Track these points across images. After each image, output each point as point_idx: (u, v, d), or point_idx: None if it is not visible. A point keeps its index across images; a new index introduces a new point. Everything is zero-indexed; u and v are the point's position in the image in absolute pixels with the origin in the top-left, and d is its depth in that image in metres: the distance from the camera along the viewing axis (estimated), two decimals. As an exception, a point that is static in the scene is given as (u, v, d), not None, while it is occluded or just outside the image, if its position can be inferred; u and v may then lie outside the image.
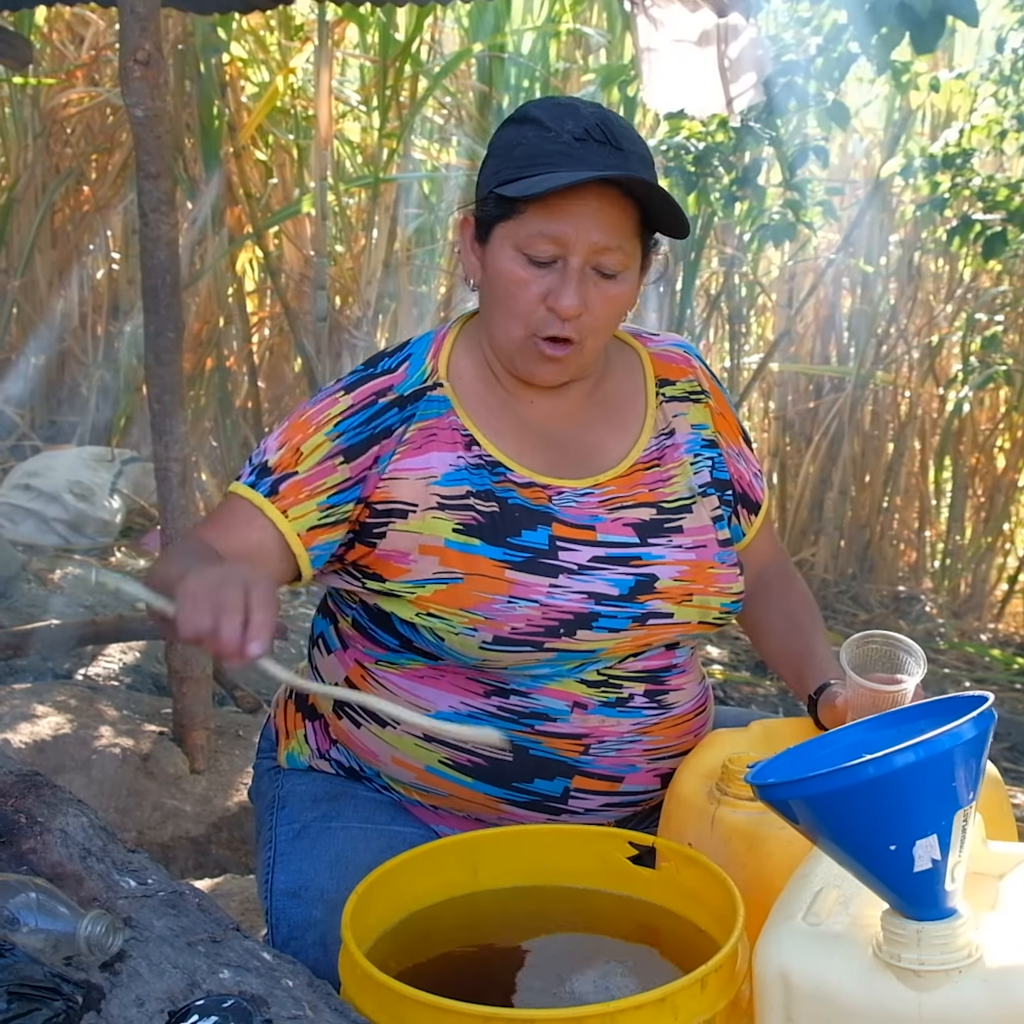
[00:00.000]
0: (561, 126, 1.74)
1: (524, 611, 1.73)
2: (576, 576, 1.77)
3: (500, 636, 1.73)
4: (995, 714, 1.27)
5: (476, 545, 1.75)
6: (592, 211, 1.71)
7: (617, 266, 1.75)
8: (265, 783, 2.00)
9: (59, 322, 6.55)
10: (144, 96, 3.09)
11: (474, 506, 1.77)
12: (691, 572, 1.83)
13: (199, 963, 1.36)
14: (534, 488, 1.80)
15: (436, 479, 1.77)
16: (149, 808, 3.33)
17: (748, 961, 1.39)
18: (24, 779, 1.63)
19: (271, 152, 6.23)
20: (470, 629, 1.73)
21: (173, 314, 3.20)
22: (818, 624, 2.00)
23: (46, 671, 4.22)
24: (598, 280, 1.75)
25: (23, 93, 6.34)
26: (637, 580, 1.80)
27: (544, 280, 1.74)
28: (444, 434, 1.80)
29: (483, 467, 1.79)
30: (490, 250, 1.78)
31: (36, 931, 1.30)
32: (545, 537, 1.77)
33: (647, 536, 1.83)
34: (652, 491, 1.86)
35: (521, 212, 1.73)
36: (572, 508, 1.81)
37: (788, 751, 1.42)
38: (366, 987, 1.38)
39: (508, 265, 1.75)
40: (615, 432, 1.89)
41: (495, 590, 1.74)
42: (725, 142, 4.87)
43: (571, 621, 1.75)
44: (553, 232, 1.72)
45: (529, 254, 1.73)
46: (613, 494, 1.84)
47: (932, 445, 7.05)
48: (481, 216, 1.80)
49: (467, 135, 5.98)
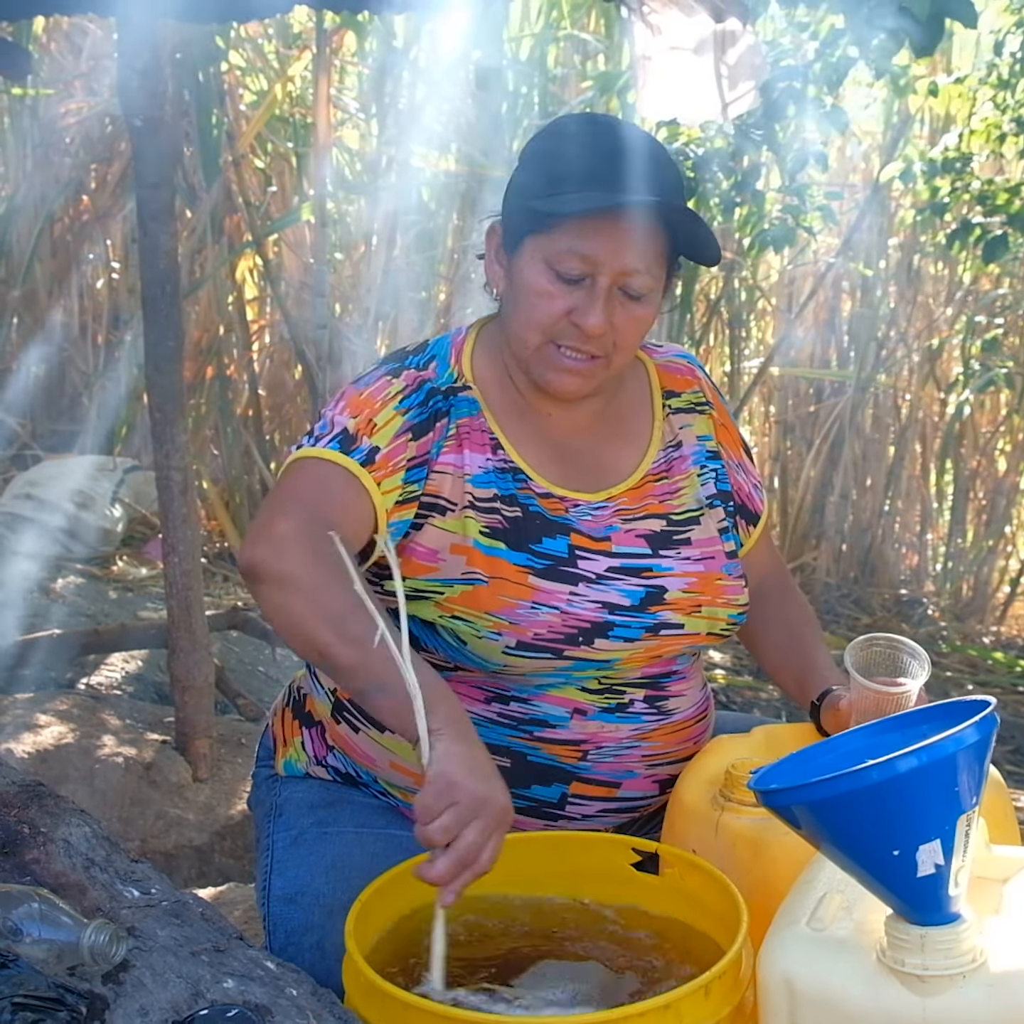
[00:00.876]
0: (597, 145, 1.75)
1: (546, 618, 1.74)
2: (594, 585, 1.78)
3: (523, 642, 1.74)
4: (998, 718, 1.27)
5: (501, 549, 1.76)
6: (624, 233, 1.73)
7: (643, 288, 1.76)
8: (263, 791, 2.00)
9: (59, 332, 6.54)
10: (143, 106, 3.09)
11: (500, 510, 1.78)
12: (699, 584, 1.85)
13: (203, 973, 1.36)
14: (552, 499, 1.82)
15: (470, 478, 1.78)
16: (152, 817, 3.32)
17: (752, 967, 1.39)
18: (27, 789, 1.63)
19: (270, 160, 6.23)
20: (494, 633, 1.74)
21: (173, 323, 3.20)
22: (817, 634, 2.02)
23: (48, 680, 4.21)
24: (624, 301, 1.76)
25: (22, 104, 6.34)
26: (647, 591, 1.81)
27: (571, 296, 1.75)
28: (475, 435, 1.81)
29: (507, 472, 1.81)
30: (517, 261, 1.78)
31: (39, 941, 1.30)
32: (564, 546, 1.79)
33: (658, 548, 1.84)
34: (661, 503, 1.88)
35: (553, 228, 1.73)
36: (588, 521, 1.82)
37: (791, 756, 1.42)
38: (370, 996, 1.38)
39: (536, 278, 1.76)
40: (626, 445, 1.91)
41: (519, 595, 1.74)
42: (724, 148, 4.86)
43: (589, 630, 1.76)
44: (584, 251, 1.72)
45: (558, 270, 1.74)
46: (625, 506, 1.86)
47: (933, 448, 7.04)
48: (510, 226, 1.81)
49: (466, 141, 5.98)
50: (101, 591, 5.22)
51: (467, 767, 1.45)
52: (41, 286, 6.45)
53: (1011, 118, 5.29)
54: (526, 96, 5.97)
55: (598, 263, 1.73)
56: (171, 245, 3.19)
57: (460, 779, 1.43)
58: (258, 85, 6.24)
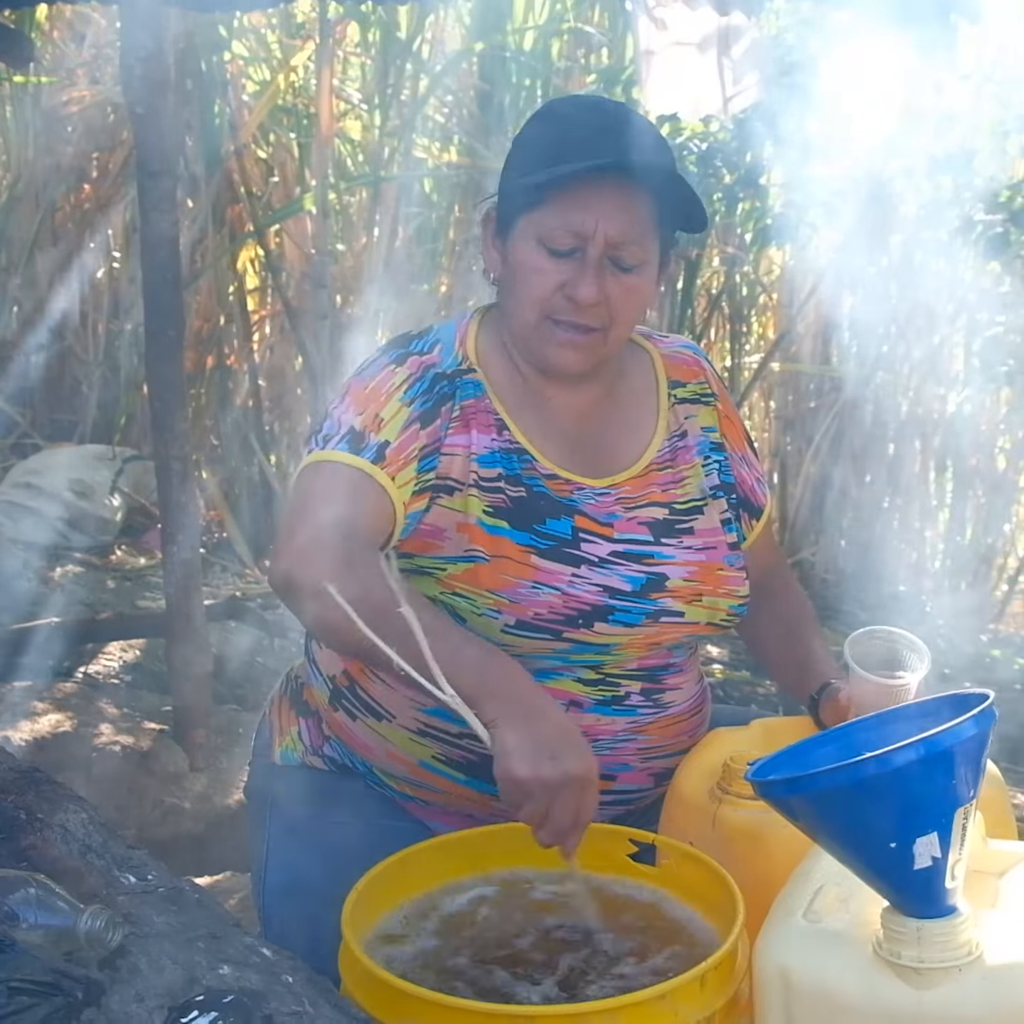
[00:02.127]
0: (584, 120, 1.78)
1: (547, 598, 1.75)
2: (596, 568, 1.79)
3: (523, 620, 1.74)
4: (996, 712, 1.27)
5: (504, 528, 1.77)
6: (611, 204, 1.74)
7: (634, 259, 1.77)
8: (259, 780, 2.01)
9: (60, 320, 6.54)
10: (145, 94, 3.09)
11: (504, 489, 1.79)
12: (700, 573, 1.85)
13: (199, 959, 1.36)
14: (557, 481, 1.82)
15: (477, 457, 1.79)
16: (149, 806, 3.33)
17: (748, 958, 1.40)
18: (24, 775, 1.63)
19: (272, 150, 6.22)
20: (494, 611, 1.74)
21: (174, 312, 3.20)
22: (815, 629, 2.03)
23: (46, 669, 4.21)
24: (616, 272, 1.77)
25: (24, 91, 6.33)
26: (648, 578, 1.82)
27: (563, 270, 1.76)
28: (481, 416, 1.82)
29: (512, 452, 1.81)
30: (511, 242, 1.80)
31: (36, 927, 1.30)
32: (568, 527, 1.79)
33: (660, 536, 1.85)
34: (664, 492, 1.88)
35: (542, 203, 1.75)
36: (592, 505, 1.83)
37: (788, 748, 1.42)
38: (366, 983, 1.38)
39: (529, 255, 1.77)
40: (630, 432, 1.91)
41: (520, 574, 1.75)
42: (727, 142, 4.86)
43: (589, 612, 1.76)
44: (572, 223, 1.74)
45: (549, 246, 1.76)
46: (628, 494, 1.86)
47: (933, 445, 7.04)
48: (502, 210, 1.83)
49: (468, 134, 5.97)
50: (100, 580, 5.22)
51: (527, 757, 1.49)
52: (42, 274, 6.44)
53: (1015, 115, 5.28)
54: (529, 89, 5.96)
55: (587, 235, 1.74)
56: (172, 234, 3.19)
57: (523, 774, 1.48)
58: (261, 75, 6.22)
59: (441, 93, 6.13)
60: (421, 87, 5.94)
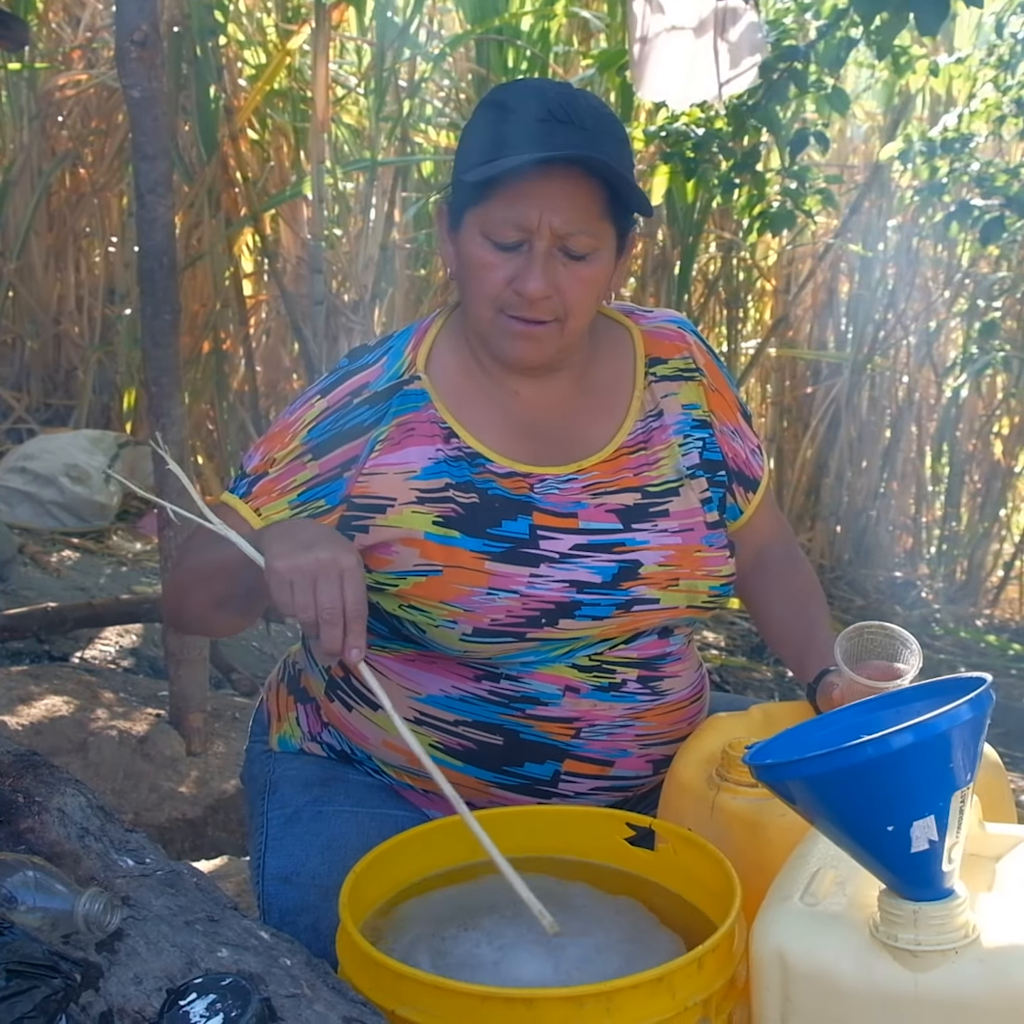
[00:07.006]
0: (525, 108, 1.71)
1: (504, 602, 1.72)
2: (558, 565, 1.75)
3: (480, 628, 1.73)
4: (993, 695, 1.27)
5: (456, 537, 1.74)
6: (555, 194, 1.69)
7: (584, 248, 1.72)
8: (257, 767, 2.00)
9: (55, 305, 6.53)
10: (141, 77, 3.08)
11: (454, 498, 1.76)
12: (677, 556, 1.81)
13: (197, 942, 1.36)
14: (515, 478, 1.79)
15: (415, 473, 1.76)
16: (145, 790, 3.33)
17: (745, 941, 1.40)
18: (22, 759, 1.63)
19: (268, 135, 6.21)
20: (449, 622, 1.73)
21: (170, 296, 3.19)
22: (822, 608, 1.98)
23: (43, 654, 4.22)
24: (567, 262, 1.72)
25: (19, 75, 6.31)
26: (620, 567, 1.78)
27: (511, 264, 1.72)
28: (423, 427, 1.78)
29: (462, 459, 1.78)
30: (461, 237, 1.76)
31: (34, 909, 1.30)
32: (526, 526, 1.76)
33: (631, 522, 1.81)
34: (637, 475, 1.83)
35: (486, 198, 1.71)
36: (554, 495, 1.79)
37: (786, 732, 1.42)
38: (364, 966, 1.39)
39: (476, 250, 1.73)
40: (600, 417, 1.87)
41: (474, 582, 1.73)
42: (724, 128, 4.84)
43: (553, 611, 1.74)
44: (516, 217, 1.69)
45: (494, 239, 1.72)
46: (597, 479, 1.82)
47: (929, 431, 7.05)
48: (453, 204, 1.79)
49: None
50: (96, 565, 5.23)
51: (284, 550, 1.56)
52: (37, 259, 6.44)
53: (1011, 99, 5.28)
54: (526, 73, 5.94)
55: (531, 228, 1.69)
56: (168, 217, 3.18)
57: (280, 564, 1.54)
58: (257, 59, 6.21)
59: (438, 77, 6.12)
60: (418, 72, 5.92)
